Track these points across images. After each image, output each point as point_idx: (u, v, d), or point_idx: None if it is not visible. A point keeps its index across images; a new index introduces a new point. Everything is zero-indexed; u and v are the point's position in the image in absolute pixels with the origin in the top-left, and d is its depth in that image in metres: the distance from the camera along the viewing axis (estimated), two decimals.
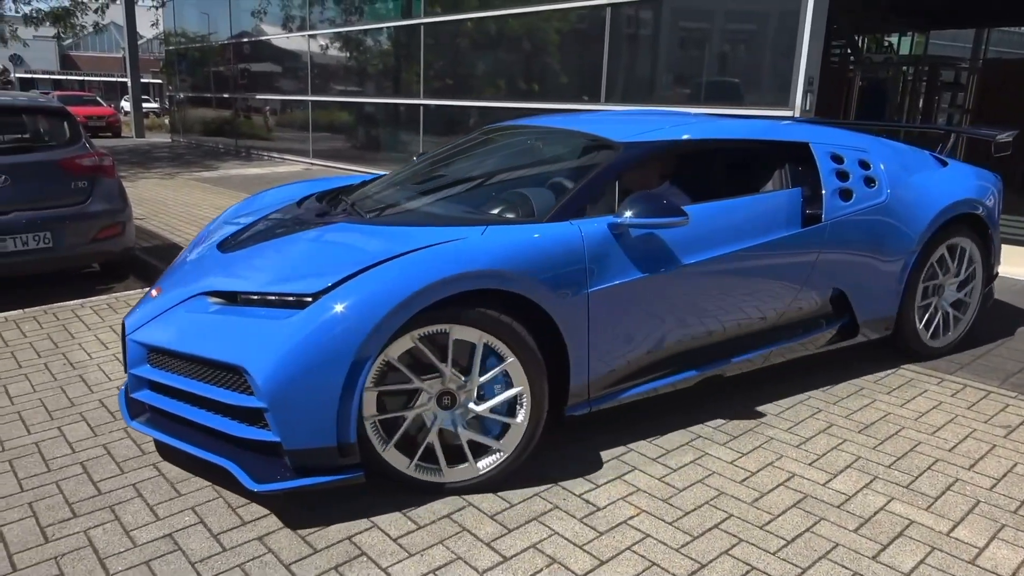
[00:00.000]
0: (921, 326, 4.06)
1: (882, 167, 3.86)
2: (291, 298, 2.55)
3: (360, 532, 2.49)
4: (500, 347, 2.64)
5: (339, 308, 2.42)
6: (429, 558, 2.36)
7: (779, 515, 2.63)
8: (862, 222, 3.67)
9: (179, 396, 2.71)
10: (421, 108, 11.96)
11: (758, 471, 2.93)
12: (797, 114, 7.37)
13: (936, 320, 4.16)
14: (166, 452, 2.98)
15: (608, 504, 2.68)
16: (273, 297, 2.60)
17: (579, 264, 2.81)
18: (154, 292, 3.07)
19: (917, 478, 2.90)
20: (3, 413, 3.35)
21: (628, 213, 2.88)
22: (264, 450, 2.53)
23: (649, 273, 2.99)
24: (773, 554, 2.41)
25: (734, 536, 2.50)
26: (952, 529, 2.57)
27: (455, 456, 2.70)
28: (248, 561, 2.34)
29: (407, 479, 2.64)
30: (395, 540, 2.45)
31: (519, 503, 2.67)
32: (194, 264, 3.24)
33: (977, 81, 12.31)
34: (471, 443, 2.71)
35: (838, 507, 2.69)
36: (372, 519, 2.56)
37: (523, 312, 2.70)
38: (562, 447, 3.08)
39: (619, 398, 3.07)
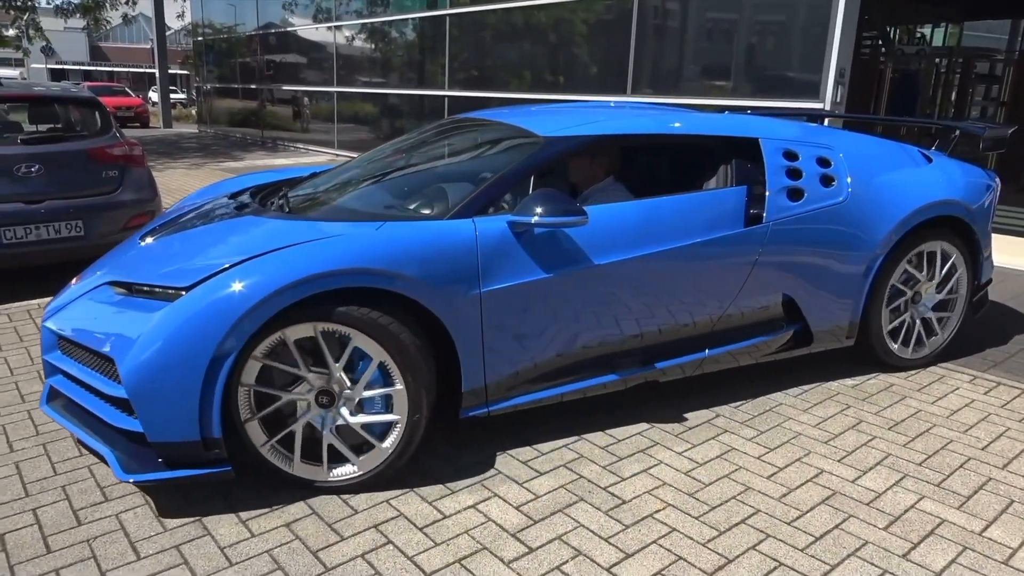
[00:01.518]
0: (888, 335, 3.79)
1: (844, 165, 3.58)
2: (171, 291, 2.55)
3: (387, 520, 2.51)
4: (375, 349, 2.55)
5: (202, 303, 2.40)
6: (455, 547, 2.37)
7: (807, 511, 2.60)
8: (814, 223, 3.42)
9: (79, 383, 2.74)
10: (446, 99, 11.95)
11: (786, 467, 2.90)
12: (827, 107, 7.26)
13: (916, 329, 3.87)
14: None
15: (634, 497, 2.67)
16: (158, 289, 2.60)
17: (470, 263, 2.71)
18: (74, 280, 3.08)
19: (949, 476, 2.85)
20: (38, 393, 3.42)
21: (526, 211, 2.76)
22: (140, 441, 2.50)
23: (553, 273, 2.85)
24: (801, 550, 2.38)
25: (761, 532, 2.48)
26: (985, 529, 2.53)
27: (330, 456, 2.66)
28: (276, 547, 2.36)
29: (259, 458, 2.59)
30: (421, 529, 2.46)
31: (545, 494, 2.67)
32: (115, 252, 3.27)
33: (1013, 73, 12.03)
34: (330, 448, 2.65)
35: (868, 504, 2.65)
36: (398, 508, 2.58)
37: (414, 313, 2.64)
38: (589, 440, 3.07)
39: (523, 400, 2.95)
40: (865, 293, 3.63)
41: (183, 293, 2.48)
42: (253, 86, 18.65)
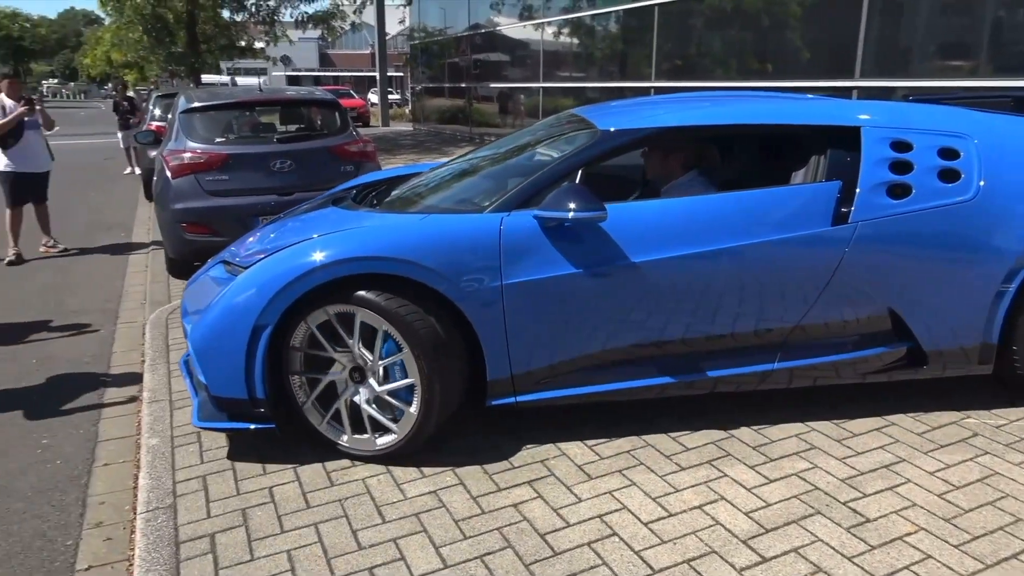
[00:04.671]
0: None
1: (977, 157, 3.01)
2: (240, 268, 2.93)
3: (611, 512, 2.51)
4: (395, 335, 2.70)
5: (249, 281, 2.75)
6: (682, 547, 2.32)
7: None
8: (924, 224, 2.93)
9: None
10: (652, 91, 11.76)
11: None
12: None
13: None
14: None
15: (879, 517, 2.44)
16: (238, 267, 2.99)
17: (492, 256, 2.74)
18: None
19: None
20: None
21: (547, 206, 2.76)
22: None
23: (581, 269, 2.77)
24: None
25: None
26: None
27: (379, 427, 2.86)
28: (506, 526, 2.45)
29: (318, 435, 2.89)
30: (646, 524, 2.43)
31: (776, 503, 2.53)
32: (246, 235, 3.70)
33: None
34: (371, 419, 2.84)
35: None
36: (621, 500, 2.57)
37: (438, 301, 2.74)
38: (824, 451, 2.87)
39: (555, 395, 2.91)
40: (1004, 310, 2.99)
41: (242, 271, 2.87)
42: (462, 85, 19.60)
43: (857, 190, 2.94)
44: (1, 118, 6.61)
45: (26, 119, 6.74)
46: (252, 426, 2.83)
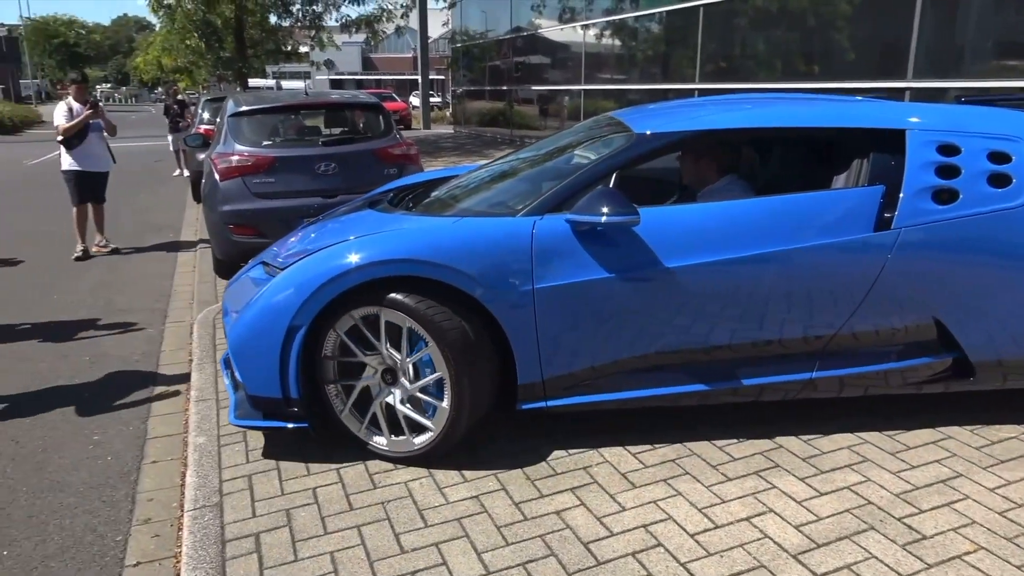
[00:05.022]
0: None
1: None
2: (278, 270, 2.97)
3: (656, 522, 2.46)
4: (422, 332, 2.71)
5: (283, 283, 2.80)
6: (729, 560, 2.26)
7: None
8: (971, 230, 2.81)
9: None
10: (696, 93, 11.62)
11: None
12: None
13: None
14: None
15: (936, 534, 2.36)
16: (276, 268, 3.04)
17: (524, 259, 2.73)
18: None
19: None
20: None
21: (577, 210, 2.74)
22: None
23: (618, 273, 2.74)
24: None
25: None
26: None
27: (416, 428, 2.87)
28: (549, 533, 2.42)
29: (359, 441, 2.92)
30: (692, 536, 2.38)
31: (827, 517, 2.46)
32: (286, 236, 3.74)
33: None
34: (406, 419, 2.85)
35: None
36: (667, 511, 2.52)
37: (467, 304, 2.74)
38: (877, 464, 2.78)
39: (585, 400, 2.88)
40: None
41: (280, 271, 2.91)
42: (503, 87, 19.64)
43: (901, 195, 2.85)
44: (69, 120, 6.91)
45: (90, 121, 7.05)
46: (290, 425, 2.87)
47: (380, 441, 2.91)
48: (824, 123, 3.12)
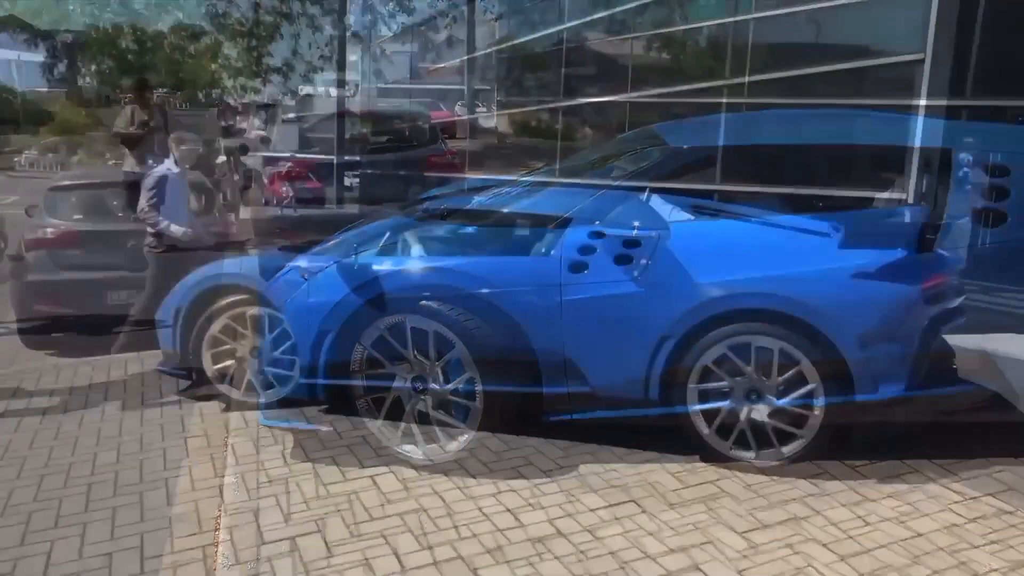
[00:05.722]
0: None
1: None
2: (312, 274, 3.09)
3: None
4: (445, 331, 2.78)
5: (318, 286, 2.98)
6: None
7: None
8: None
9: None
10: (743, 107, 11.46)
11: None
12: None
13: None
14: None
15: (989, 572, 2.25)
16: (310, 273, 3.13)
17: (554, 272, 2.75)
18: None
19: None
20: None
21: (608, 222, 2.77)
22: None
23: (647, 288, 2.74)
24: None
25: None
26: None
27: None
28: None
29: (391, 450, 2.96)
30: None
31: (874, 549, 2.37)
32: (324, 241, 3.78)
33: None
34: (439, 423, 2.91)
35: None
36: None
37: (497, 313, 2.78)
38: (930, 492, 2.68)
39: (608, 413, 2.88)
40: None
41: (313, 275, 3.07)
42: (548, 98, 19.63)
43: (945, 216, 2.80)
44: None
45: None
46: (323, 428, 2.98)
47: (415, 449, 2.94)
48: (860, 140, 3.14)
